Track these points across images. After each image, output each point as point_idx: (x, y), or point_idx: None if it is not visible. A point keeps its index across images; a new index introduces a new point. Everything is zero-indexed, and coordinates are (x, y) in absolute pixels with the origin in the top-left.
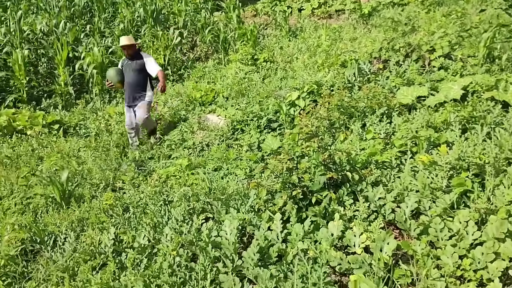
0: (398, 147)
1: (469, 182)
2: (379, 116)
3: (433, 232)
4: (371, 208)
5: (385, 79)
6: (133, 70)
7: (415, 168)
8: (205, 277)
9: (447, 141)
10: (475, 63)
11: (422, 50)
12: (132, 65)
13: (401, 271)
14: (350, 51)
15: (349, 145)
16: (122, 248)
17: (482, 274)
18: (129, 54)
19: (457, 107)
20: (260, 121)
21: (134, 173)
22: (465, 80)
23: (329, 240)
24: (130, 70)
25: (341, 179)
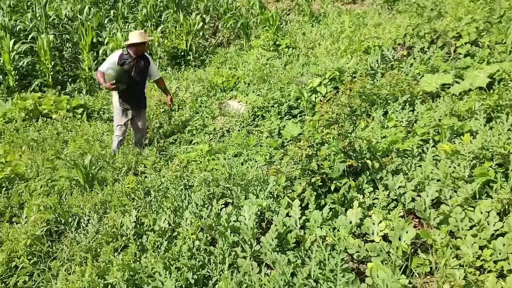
0: (420, 135)
1: (492, 172)
2: (402, 103)
3: (453, 222)
4: (391, 197)
5: (408, 66)
6: (141, 71)
7: (437, 157)
8: (224, 261)
9: (471, 130)
10: (503, 50)
11: (448, 36)
12: (140, 65)
13: (420, 260)
14: (373, 37)
15: (370, 133)
16: (143, 231)
17: (502, 265)
18: (140, 52)
19: (483, 95)
20: (281, 108)
21: (155, 158)
22: (492, 68)
23: (347, 227)
24: (138, 71)
25: (361, 167)
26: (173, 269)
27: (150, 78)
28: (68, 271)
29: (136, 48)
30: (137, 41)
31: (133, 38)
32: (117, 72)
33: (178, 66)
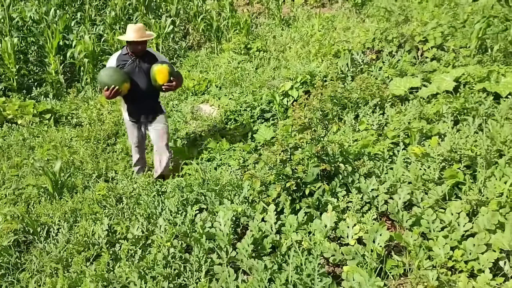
0: (391, 138)
1: (461, 174)
2: (372, 107)
3: (425, 224)
4: (364, 200)
5: (378, 70)
6: (145, 73)
7: (407, 159)
8: (200, 269)
9: (439, 132)
10: (467, 54)
11: (415, 40)
12: (142, 66)
13: (394, 262)
14: (343, 41)
15: (342, 137)
16: (116, 239)
17: (473, 265)
18: (140, 51)
19: (450, 99)
20: (253, 111)
21: (127, 163)
22: (457, 72)
23: (322, 231)
24: (141, 73)
25: (334, 170)
26: (148, 278)
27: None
28: (38, 283)
29: (135, 47)
30: (133, 39)
31: (129, 33)
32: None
33: None
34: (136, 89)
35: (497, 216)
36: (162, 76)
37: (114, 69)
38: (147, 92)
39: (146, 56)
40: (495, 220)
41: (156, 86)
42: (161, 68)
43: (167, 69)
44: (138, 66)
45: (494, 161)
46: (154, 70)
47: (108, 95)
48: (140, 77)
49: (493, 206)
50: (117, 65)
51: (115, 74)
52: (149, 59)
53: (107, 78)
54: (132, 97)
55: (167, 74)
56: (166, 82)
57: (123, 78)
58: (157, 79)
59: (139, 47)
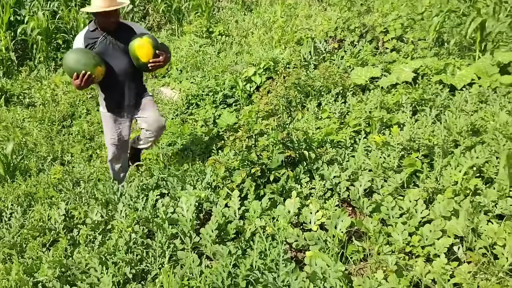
0: (353, 127)
1: (419, 163)
2: (334, 95)
3: (384, 210)
4: (327, 186)
5: (340, 59)
6: (123, 51)
7: (368, 148)
8: (163, 254)
9: (398, 122)
10: (425, 46)
11: (376, 31)
12: (119, 43)
13: (354, 247)
14: (305, 28)
15: (305, 124)
16: (74, 224)
17: (429, 250)
18: (113, 23)
19: (409, 89)
20: (216, 96)
21: (83, 146)
22: (416, 63)
23: (286, 217)
24: (117, 51)
25: (298, 157)
26: (110, 264)
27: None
28: None
29: (105, 19)
30: (102, 9)
31: (96, 2)
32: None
33: None
34: (114, 72)
35: (452, 203)
36: (144, 51)
37: (82, 51)
38: (127, 74)
39: (120, 29)
40: (450, 207)
41: (140, 65)
42: (141, 42)
43: (149, 41)
44: (112, 43)
45: (450, 151)
46: (133, 46)
47: (78, 84)
48: (116, 56)
49: (448, 194)
50: (86, 45)
51: (84, 56)
52: (125, 33)
53: (74, 63)
54: (110, 83)
55: (150, 48)
56: (151, 59)
57: (95, 61)
58: (139, 56)
59: (110, 19)
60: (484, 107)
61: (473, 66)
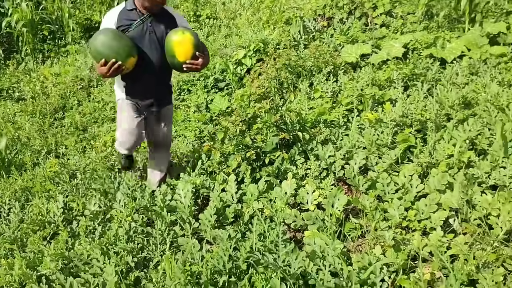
0: (345, 105)
1: (412, 138)
2: (326, 75)
3: (380, 187)
4: (322, 166)
5: (330, 37)
6: (159, 42)
7: (361, 125)
8: (164, 242)
9: (391, 98)
10: (414, 21)
11: (365, 7)
12: (158, 30)
13: (352, 224)
14: (294, 7)
15: (298, 105)
16: (73, 216)
17: (425, 224)
18: (160, 4)
19: (399, 65)
20: (207, 81)
21: (77, 138)
22: (405, 38)
23: (283, 198)
24: (153, 41)
25: (292, 139)
26: (112, 253)
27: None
28: None
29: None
30: None
31: None
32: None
33: None
34: (144, 64)
35: (446, 176)
36: (183, 49)
37: (116, 34)
38: (159, 69)
39: (161, 16)
40: (444, 181)
41: (174, 63)
42: (183, 38)
43: (190, 39)
44: (149, 31)
45: (442, 124)
46: (172, 41)
47: (105, 72)
48: (151, 47)
49: (442, 167)
50: (118, 26)
51: (118, 42)
52: (165, 21)
53: (105, 48)
54: (137, 76)
55: (191, 48)
56: (189, 59)
57: (130, 49)
58: (176, 54)
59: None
60: (475, 79)
61: (462, 39)
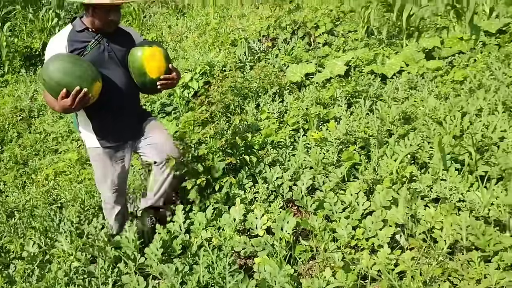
0: (291, 125)
1: (356, 155)
2: (272, 95)
3: (328, 207)
4: (270, 189)
5: (274, 57)
6: (119, 61)
7: (308, 145)
8: (107, 281)
9: (335, 116)
10: (355, 38)
11: (307, 27)
12: (116, 50)
13: (302, 247)
14: (239, 29)
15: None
16: (10, 260)
17: (373, 241)
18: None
19: (342, 83)
20: (153, 106)
21: (16, 173)
22: (347, 56)
23: (232, 225)
24: (113, 62)
25: (239, 163)
26: None
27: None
28: None
29: (106, 16)
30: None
31: None
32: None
33: (34, 67)
34: (109, 90)
35: (391, 192)
36: (155, 64)
37: (73, 58)
38: (127, 93)
39: (117, 34)
40: (389, 197)
41: (146, 82)
42: (152, 52)
43: (161, 52)
44: (107, 51)
45: (385, 140)
46: (140, 57)
47: (69, 105)
48: (113, 69)
49: (386, 183)
50: (71, 51)
51: (78, 66)
52: (122, 38)
53: (64, 74)
54: (105, 105)
55: (163, 61)
56: (163, 74)
57: (92, 73)
58: (147, 71)
59: (113, 17)
60: (414, 93)
61: (401, 54)
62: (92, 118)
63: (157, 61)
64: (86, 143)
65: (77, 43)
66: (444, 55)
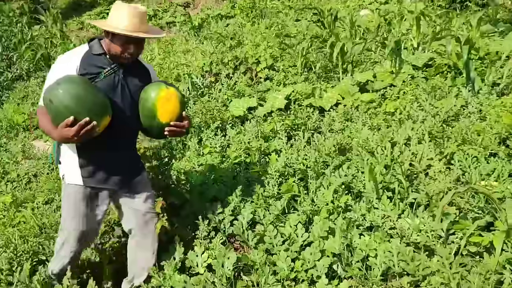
0: (233, 159)
1: (295, 187)
2: (214, 130)
3: (268, 240)
4: (211, 225)
5: (218, 92)
6: (131, 96)
7: (249, 178)
8: None
9: (276, 149)
10: (295, 73)
11: (249, 62)
12: (132, 81)
13: (243, 282)
14: (183, 64)
15: (187, 163)
16: None
17: (312, 272)
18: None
19: (282, 116)
20: None
21: None
22: (287, 90)
23: (172, 264)
24: (125, 95)
25: (181, 202)
26: None
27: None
28: None
29: (126, 47)
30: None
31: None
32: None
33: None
34: (114, 127)
35: (327, 223)
36: (169, 108)
37: (88, 84)
38: (128, 131)
39: (135, 67)
40: (326, 227)
41: (152, 125)
42: (168, 94)
43: (177, 96)
44: (121, 83)
45: (321, 172)
46: (154, 98)
47: (72, 136)
48: (121, 103)
49: (323, 214)
50: (83, 74)
51: (92, 94)
52: (140, 73)
53: (77, 102)
54: (100, 140)
55: (178, 106)
56: (174, 120)
57: (106, 106)
58: (158, 114)
59: (135, 49)
60: (350, 125)
61: (337, 88)
62: (81, 151)
63: (171, 106)
64: (65, 177)
65: (91, 67)
66: (376, 88)
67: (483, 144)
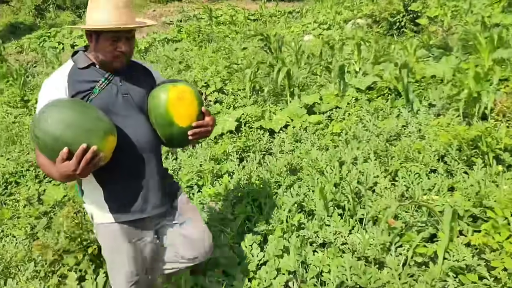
0: (186, 182)
1: (249, 208)
2: (165, 153)
3: (224, 262)
4: None
5: None
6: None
7: (203, 201)
8: None
9: (228, 171)
10: (244, 96)
11: (198, 86)
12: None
13: None
14: None
15: None
16: None
17: None
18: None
19: (234, 138)
20: (38, 170)
21: None
22: (237, 112)
23: None
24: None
25: None
26: None
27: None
28: None
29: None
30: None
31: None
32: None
33: None
34: (127, 145)
35: (282, 241)
36: (185, 108)
37: (77, 103)
38: (149, 148)
39: (133, 70)
40: (280, 246)
41: (173, 133)
42: (180, 91)
43: (191, 92)
44: (121, 93)
45: (274, 192)
46: (166, 100)
47: (73, 170)
48: (129, 116)
49: (278, 233)
50: (74, 94)
51: (84, 115)
52: (141, 76)
53: (67, 128)
54: (120, 166)
55: (195, 104)
56: (195, 121)
57: (104, 124)
58: (175, 118)
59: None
60: (299, 146)
61: (285, 110)
62: (103, 184)
63: (187, 105)
64: (94, 218)
65: (81, 84)
66: (323, 110)
67: (424, 161)
